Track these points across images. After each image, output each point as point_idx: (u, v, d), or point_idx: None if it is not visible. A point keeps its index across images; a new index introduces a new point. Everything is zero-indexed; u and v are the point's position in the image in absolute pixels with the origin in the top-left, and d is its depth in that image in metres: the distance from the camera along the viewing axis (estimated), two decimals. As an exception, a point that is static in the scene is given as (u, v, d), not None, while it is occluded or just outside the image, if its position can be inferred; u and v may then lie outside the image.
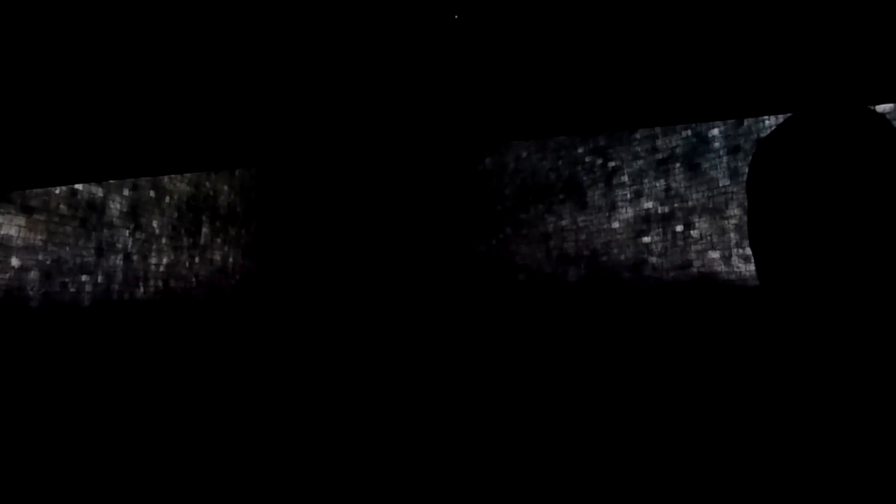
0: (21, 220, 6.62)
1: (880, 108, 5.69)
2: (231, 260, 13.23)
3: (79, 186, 7.82)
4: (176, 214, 10.73)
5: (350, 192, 13.20)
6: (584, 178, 8.30)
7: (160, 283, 9.94)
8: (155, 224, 9.88)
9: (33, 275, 6.77)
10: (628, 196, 7.75)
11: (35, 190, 6.78)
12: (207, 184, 12.40)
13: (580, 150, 8.36)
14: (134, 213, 9.16)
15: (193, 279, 11.35)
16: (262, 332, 9.09)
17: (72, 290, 7.50)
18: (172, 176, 11.37)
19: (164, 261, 10.11)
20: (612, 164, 7.99)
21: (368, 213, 12.12)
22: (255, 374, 5.47)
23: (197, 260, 11.59)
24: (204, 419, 3.99)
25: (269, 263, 14.69)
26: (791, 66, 1.61)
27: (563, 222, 8.48)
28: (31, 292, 6.71)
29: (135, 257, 9.11)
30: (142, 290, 9.27)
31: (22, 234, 6.61)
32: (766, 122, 6.50)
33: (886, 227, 0.66)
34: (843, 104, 0.76)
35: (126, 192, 9.02)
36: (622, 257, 7.50)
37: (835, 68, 1.62)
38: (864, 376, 0.66)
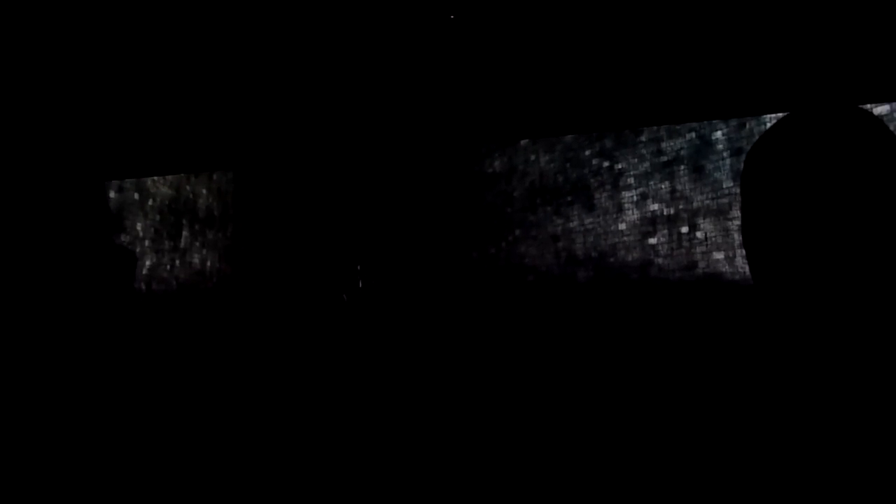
0: (15, 223, 6.35)
1: (878, 109, 5.88)
2: (209, 264, 12.96)
3: (68, 188, 7.54)
4: (158, 217, 10.47)
5: (343, 193, 13.06)
6: (592, 180, 8.38)
7: (143, 286, 9.72)
8: (139, 227, 9.63)
9: (26, 280, 6.50)
10: (634, 198, 7.86)
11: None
12: (188, 187, 12.12)
13: (587, 153, 8.44)
14: (119, 216, 8.91)
15: (174, 282, 11.09)
16: (242, 335, 8.93)
17: (62, 295, 7.22)
18: (155, 178, 11.07)
19: (147, 263, 9.88)
20: (618, 166, 8.08)
21: (367, 215, 12.02)
22: (233, 377, 5.40)
23: (178, 263, 11.33)
24: (183, 417, 3.91)
25: (247, 267, 14.42)
26: (790, 65, 1.63)
27: (571, 224, 8.54)
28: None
29: (121, 261, 8.85)
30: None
31: (15, 238, 6.34)
32: (768, 123, 6.65)
33: (880, 227, 0.67)
34: (837, 105, 0.78)
35: (112, 195, 8.76)
36: (629, 258, 7.59)
37: (833, 68, 1.66)
38: (857, 377, 0.67)
